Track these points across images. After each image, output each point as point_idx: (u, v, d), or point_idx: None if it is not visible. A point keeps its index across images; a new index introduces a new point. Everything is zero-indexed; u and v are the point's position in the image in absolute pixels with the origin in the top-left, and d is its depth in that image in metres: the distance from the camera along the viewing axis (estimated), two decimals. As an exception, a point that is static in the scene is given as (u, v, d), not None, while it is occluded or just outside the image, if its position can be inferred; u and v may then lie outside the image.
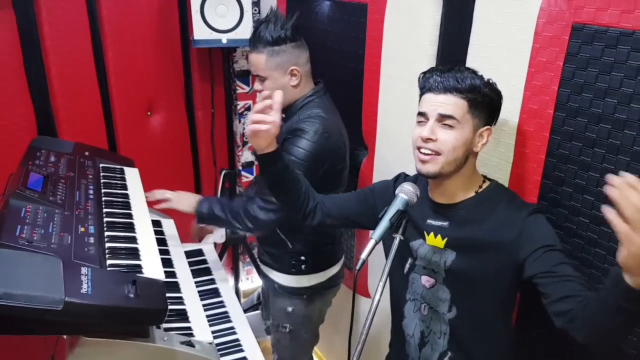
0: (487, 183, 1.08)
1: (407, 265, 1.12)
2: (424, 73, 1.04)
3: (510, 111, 1.12)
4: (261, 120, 1.02)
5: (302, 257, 1.52)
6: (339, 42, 1.68)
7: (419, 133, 1.01)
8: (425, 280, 1.09)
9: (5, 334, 0.93)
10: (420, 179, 1.14)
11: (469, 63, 1.22)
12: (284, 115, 1.45)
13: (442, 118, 0.98)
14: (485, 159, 1.21)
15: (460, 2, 1.23)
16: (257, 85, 1.43)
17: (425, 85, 1.02)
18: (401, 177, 1.21)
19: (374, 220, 1.16)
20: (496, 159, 1.18)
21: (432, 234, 1.07)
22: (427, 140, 0.99)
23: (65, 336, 1.09)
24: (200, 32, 1.87)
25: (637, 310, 0.73)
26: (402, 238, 0.98)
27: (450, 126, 0.98)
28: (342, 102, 1.71)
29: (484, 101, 0.99)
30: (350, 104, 1.67)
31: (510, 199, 1.04)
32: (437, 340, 1.09)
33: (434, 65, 1.34)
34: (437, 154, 0.99)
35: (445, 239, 1.04)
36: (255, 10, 2.12)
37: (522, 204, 1.03)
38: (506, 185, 1.16)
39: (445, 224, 1.05)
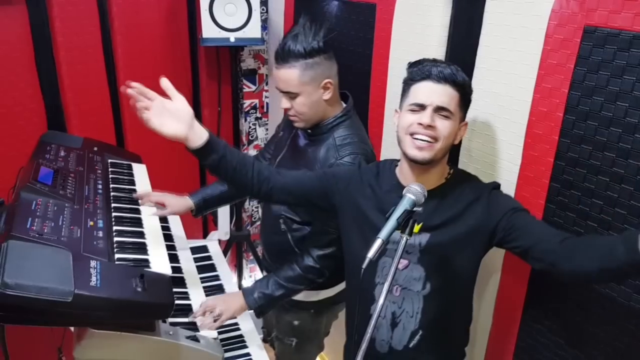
0: (452, 170, 1.13)
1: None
2: (415, 63, 1.08)
3: (520, 113, 1.12)
4: (142, 107, 1.08)
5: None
6: (347, 42, 1.68)
7: (416, 119, 1.03)
8: (390, 263, 1.09)
9: (15, 324, 0.93)
10: (384, 167, 1.18)
11: (478, 65, 1.22)
12: (310, 131, 1.36)
13: (440, 109, 1.03)
14: (493, 161, 1.21)
15: (470, 3, 1.23)
16: (285, 103, 1.32)
17: (421, 73, 1.04)
18: (363, 163, 1.23)
19: (323, 203, 1.22)
20: (504, 161, 1.18)
21: None
22: (428, 127, 1.02)
23: (72, 328, 1.10)
24: (208, 30, 1.88)
25: None
26: (408, 238, 0.98)
27: (446, 117, 1.03)
28: (350, 102, 1.72)
29: (468, 97, 1.07)
30: (357, 104, 1.66)
31: (474, 181, 1.12)
32: (409, 319, 1.11)
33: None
34: (435, 140, 1.03)
35: (420, 224, 1.03)
36: (263, 9, 2.13)
37: (483, 184, 1.12)
38: (514, 187, 1.16)
39: (420, 209, 1.02)
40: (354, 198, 1.18)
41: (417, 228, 1.05)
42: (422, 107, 1.03)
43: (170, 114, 1.10)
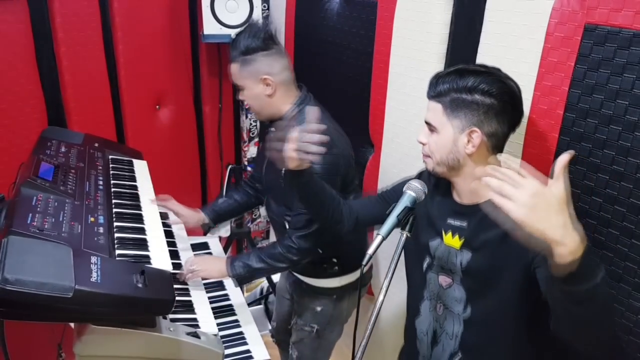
0: None
1: (425, 264, 1.12)
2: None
3: (520, 111, 1.12)
4: (305, 149, 1.06)
5: (335, 260, 1.50)
6: (348, 40, 1.68)
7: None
8: (442, 280, 1.08)
9: (14, 320, 0.94)
10: (441, 178, 1.12)
11: (479, 62, 1.22)
12: (273, 129, 1.43)
13: (427, 124, 1.04)
14: (493, 159, 1.21)
15: (471, 1, 1.23)
16: (240, 96, 1.45)
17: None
18: (424, 174, 1.19)
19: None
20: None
21: (450, 233, 1.06)
22: (420, 143, 1.06)
23: (72, 324, 1.10)
24: (210, 27, 1.88)
25: (582, 291, 0.74)
26: (408, 235, 0.98)
27: (432, 130, 1.03)
28: (350, 100, 1.72)
29: (463, 101, 0.96)
30: (358, 101, 1.67)
31: None
32: (449, 341, 1.08)
33: (442, 63, 1.34)
34: (428, 156, 1.05)
35: (463, 239, 1.03)
36: (265, 6, 2.12)
37: None
38: (514, 185, 1.16)
39: (464, 224, 1.04)
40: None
41: (458, 243, 1.03)
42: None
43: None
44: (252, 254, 1.43)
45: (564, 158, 0.74)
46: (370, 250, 0.93)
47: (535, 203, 0.72)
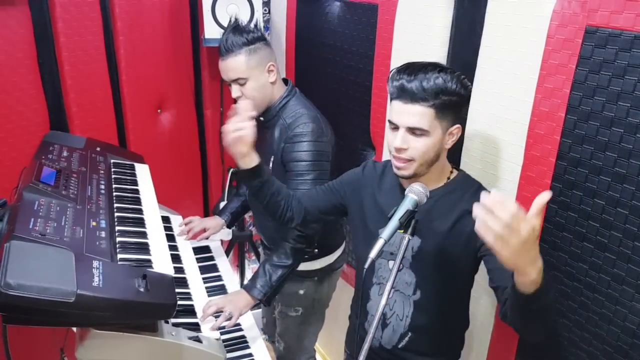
0: (455, 173, 1.12)
1: None
2: (392, 76, 1.03)
3: (521, 114, 1.12)
4: (239, 127, 1.15)
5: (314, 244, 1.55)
6: (349, 43, 1.69)
7: (391, 141, 1.04)
8: (392, 265, 1.09)
9: (17, 325, 0.94)
10: (390, 167, 1.18)
11: (480, 65, 1.22)
12: (262, 118, 1.50)
13: (412, 129, 1.01)
14: (495, 161, 1.21)
15: (472, 3, 1.23)
16: (236, 92, 1.44)
17: (393, 92, 1.03)
18: (369, 164, 1.25)
19: (344, 211, 1.27)
20: (506, 161, 1.18)
21: None
22: (399, 150, 1.03)
23: (75, 328, 1.10)
24: (211, 31, 1.88)
25: (538, 306, 0.84)
26: (410, 238, 0.98)
27: (420, 134, 1.01)
28: (351, 102, 1.72)
29: (451, 102, 1.00)
30: (359, 104, 1.67)
31: (476, 189, 1.09)
32: (399, 322, 1.13)
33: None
34: (409, 160, 1.03)
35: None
36: (266, 10, 2.13)
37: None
38: (516, 188, 1.16)
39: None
40: (357, 201, 1.22)
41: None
42: (396, 127, 1.03)
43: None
44: (265, 268, 1.43)
45: (544, 198, 0.76)
46: (372, 254, 0.93)
47: (523, 247, 0.74)
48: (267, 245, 1.69)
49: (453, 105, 1.02)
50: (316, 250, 1.57)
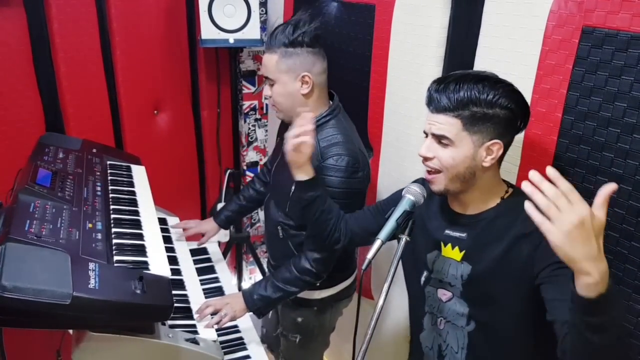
0: (510, 192, 1.02)
1: (423, 278, 1.09)
2: (433, 81, 0.99)
3: (518, 114, 1.12)
4: (301, 133, 1.10)
5: None
6: (346, 43, 1.69)
7: (420, 149, 1.00)
8: (442, 294, 1.06)
9: (13, 327, 0.93)
10: None
11: (477, 65, 1.22)
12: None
13: (437, 137, 0.97)
14: (492, 162, 1.21)
15: (468, 4, 1.23)
16: (266, 90, 1.35)
17: (426, 100, 0.99)
18: (419, 181, 1.15)
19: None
20: (504, 162, 1.18)
21: (449, 245, 1.03)
22: (425, 158, 0.99)
23: (71, 331, 1.10)
24: (207, 31, 1.88)
25: (603, 321, 0.71)
26: (407, 239, 0.98)
27: (446, 144, 0.96)
28: (349, 103, 1.72)
29: (486, 115, 0.93)
30: (356, 105, 1.67)
31: None
32: (455, 355, 1.06)
33: (440, 67, 1.34)
34: (438, 171, 0.98)
35: (463, 252, 1.01)
36: (262, 10, 2.13)
37: None
38: (513, 187, 1.16)
39: (464, 235, 1.01)
40: None
41: (459, 255, 1.00)
42: (426, 134, 1.00)
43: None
44: (267, 283, 1.36)
45: (609, 188, 0.69)
46: (369, 255, 0.93)
47: (578, 233, 0.68)
48: (272, 263, 1.59)
49: (489, 119, 0.93)
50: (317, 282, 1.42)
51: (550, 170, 0.69)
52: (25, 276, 0.90)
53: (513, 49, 1.12)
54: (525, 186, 0.70)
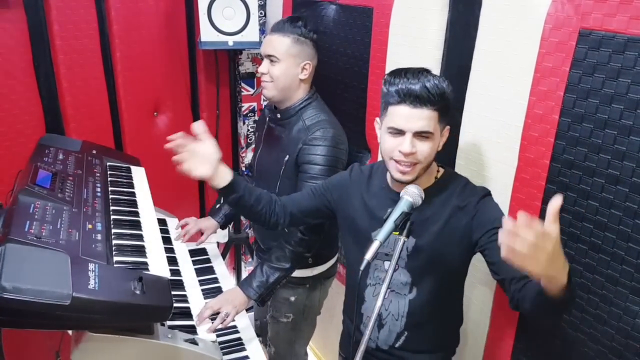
0: (442, 171, 1.13)
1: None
2: (390, 81, 1.03)
3: (515, 116, 1.13)
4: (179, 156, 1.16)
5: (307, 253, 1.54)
6: (345, 46, 1.69)
7: (396, 146, 1.03)
8: (388, 265, 1.09)
9: (12, 328, 0.93)
10: (378, 169, 1.21)
11: (474, 68, 1.23)
12: (279, 115, 1.51)
13: (419, 133, 1.01)
14: (489, 164, 1.22)
15: (466, 6, 1.24)
16: (265, 66, 1.45)
17: (394, 96, 1.01)
18: (355, 168, 1.27)
19: (329, 214, 1.28)
20: (500, 164, 1.19)
21: None
22: (408, 154, 1.02)
23: (70, 332, 1.10)
24: (206, 34, 1.88)
25: (569, 296, 0.85)
26: (406, 239, 0.99)
27: (426, 137, 1.02)
28: (347, 105, 1.73)
29: (447, 105, 1.04)
30: (354, 107, 1.68)
31: (464, 184, 1.11)
32: (395, 322, 1.15)
33: (438, 69, 1.35)
34: (414, 164, 1.04)
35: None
36: (261, 13, 2.13)
37: (474, 188, 1.11)
38: (510, 189, 1.17)
39: None
40: (345, 204, 1.22)
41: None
42: (400, 132, 1.02)
43: (199, 157, 1.17)
44: (262, 268, 1.44)
45: (557, 203, 0.75)
46: (368, 256, 0.93)
47: (552, 256, 0.75)
48: (262, 248, 1.68)
49: (449, 108, 1.05)
50: (310, 259, 1.55)
51: (521, 219, 0.73)
52: (25, 277, 0.91)
53: (510, 51, 1.12)
54: (504, 236, 0.75)
